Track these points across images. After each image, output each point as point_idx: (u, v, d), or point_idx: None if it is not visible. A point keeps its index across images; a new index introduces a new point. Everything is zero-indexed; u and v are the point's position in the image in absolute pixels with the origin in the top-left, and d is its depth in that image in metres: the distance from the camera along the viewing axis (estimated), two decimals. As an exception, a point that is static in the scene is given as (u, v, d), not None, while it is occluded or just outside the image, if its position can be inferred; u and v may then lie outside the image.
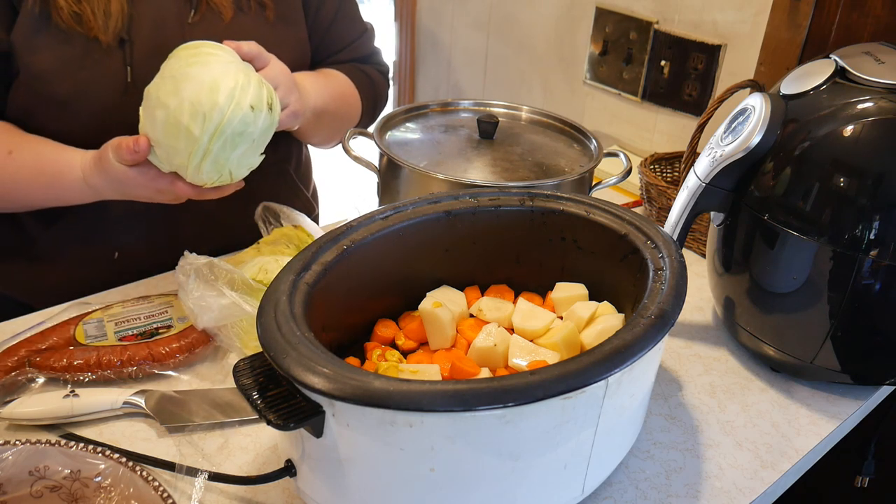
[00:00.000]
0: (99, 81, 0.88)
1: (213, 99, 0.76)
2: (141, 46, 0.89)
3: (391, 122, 1.04)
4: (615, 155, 1.04)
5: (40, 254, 0.98)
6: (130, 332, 0.79)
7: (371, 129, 1.01)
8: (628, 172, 1.00)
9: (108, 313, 0.82)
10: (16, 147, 0.87)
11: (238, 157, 0.80)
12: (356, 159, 1.00)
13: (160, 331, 0.80)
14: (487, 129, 1.00)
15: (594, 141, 1.03)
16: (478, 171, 0.93)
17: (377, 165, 1.01)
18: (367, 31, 1.16)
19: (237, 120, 0.77)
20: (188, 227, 1.00)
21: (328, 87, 1.04)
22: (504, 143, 1.00)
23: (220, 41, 0.83)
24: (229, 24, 0.95)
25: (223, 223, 1.02)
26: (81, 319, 0.81)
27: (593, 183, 1.02)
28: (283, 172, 1.11)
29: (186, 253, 0.84)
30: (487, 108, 1.10)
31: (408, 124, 1.05)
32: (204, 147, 0.77)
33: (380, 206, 0.96)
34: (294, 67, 1.04)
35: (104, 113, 0.88)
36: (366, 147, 0.94)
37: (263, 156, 0.84)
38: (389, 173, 0.97)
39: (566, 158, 1.00)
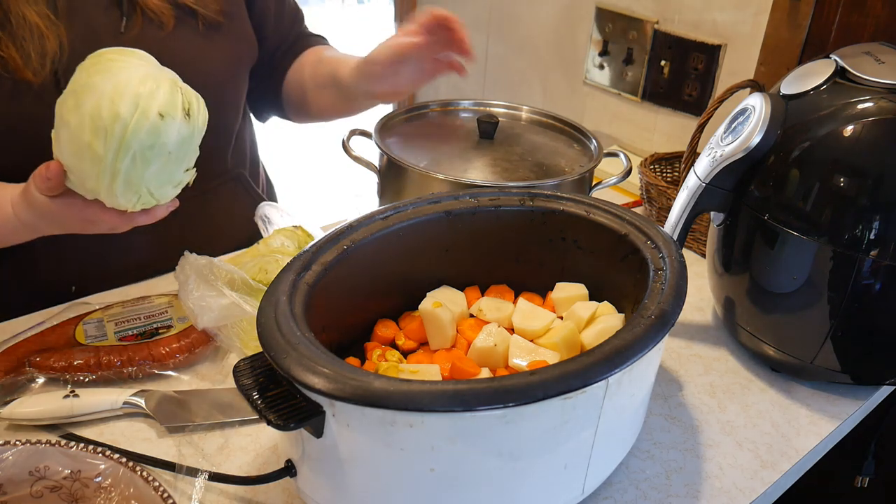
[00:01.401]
0: (34, 117, 0.79)
1: (113, 110, 0.65)
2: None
3: (391, 122, 1.03)
4: (615, 155, 1.04)
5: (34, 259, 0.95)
6: (130, 332, 0.79)
7: (371, 128, 1.01)
8: (628, 172, 1.01)
9: (108, 313, 0.82)
10: None
11: (154, 175, 0.69)
12: (356, 159, 1.00)
13: (160, 331, 0.80)
14: (487, 129, 0.99)
15: (594, 141, 1.03)
16: (478, 171, 0.93)
17: (377, 165, 1.01)
18: (297, 11, 1.12)
19: (143, 132, 0.66)
20: (187, 228, 0.99)
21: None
22: (504, 144, 1.00)
23: (161, 52, 0.75)
24: (171, 32, 0.89)
25: (221, 224, 1.01)
26: (81, 319, 0.81)
27: (593, 183, 1.02)
28: (238, 178, 1.06)
29: (186, 253, 0.84)
30: (487, 109, 1.10)
31: (408, 124, 1.05)
32: (111, 166, 0.67)
33: (380, 206, 0.96)
34: (242, 62, 1.00)
35: (42, 146, 0.78)
36: (365, 147, 0.94)
37: (193, 171, 0.74)
38: (389, 173, 0.97)
39: (566, 158, 1.00)
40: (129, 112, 0.66)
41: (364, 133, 1.02)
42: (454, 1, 1.94)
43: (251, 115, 1.15)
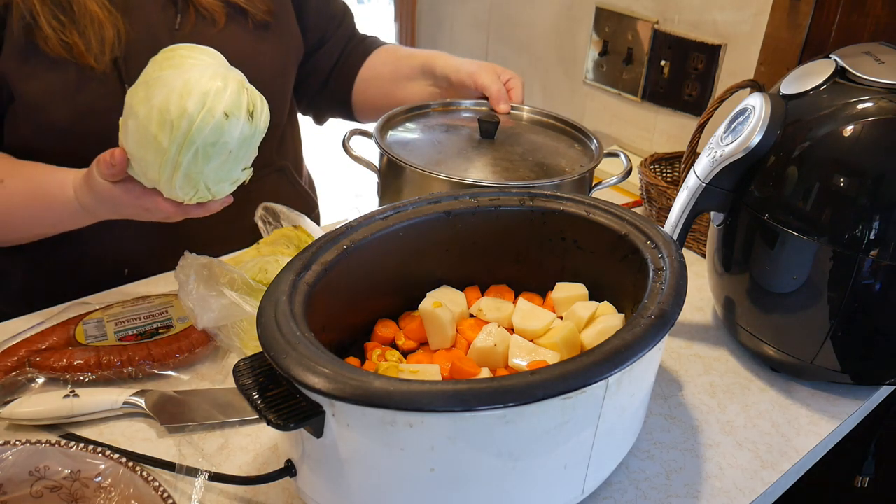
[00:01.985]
0: (96, 104, 0.86)
1: (181, 105, 0.68)
2: (135, 63, 0.85)
3: (392, 122, 1.03)
4: (616, 155, 1.04)
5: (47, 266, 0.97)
6: (130, 332, 0.79)
7: (372, 128, 1.01)
8: (628, 172, 1.00)
9: (108, 313, 0.82)
10: (7, 175, 0.83)
11: (214, 171, 0.72)
12: (356, 159, 1.00)
13: (160, 331, 0.80)
14: (488, 128, 0.99)
15: (595, 141, 1.03)
16: (478, 171, 0.93)
17: (377, 165, 1.01)
18: (347, 7, 1.18)
19: (208, 129, 0.69)
20: (234, 216, 0.99)
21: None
22: (505, 143, 1.00)
23: (212, 47, 0.77)
24: (222, 30, 0.94)
25: (224, 224, 1.02)
26: (81, 319, 0.81)
27: (593, 183, 1.02)
28: (283, 170, 1.10)
29: (186, 253, 0.84)
30: (489, 108, 1.10)
31: (408, 124, 1.05)
32: (173, 159, 0.69)
33: (380, 206, 0.96)
34: (290, 60, 1.05)
35: (106, 135, 0.83)
36: (365, 147, 0.94)
37: (250, 170, 0.77)
38: (389, 173, 0.97)
39: (567, 158, 1.00)
40: (197, 109, 0.68)
41: (364, 133, 1.03)
42: (454, 1, 1.94)
43: (298, 115, 1.20)
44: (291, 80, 1.08)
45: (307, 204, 1.16)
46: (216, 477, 0.64)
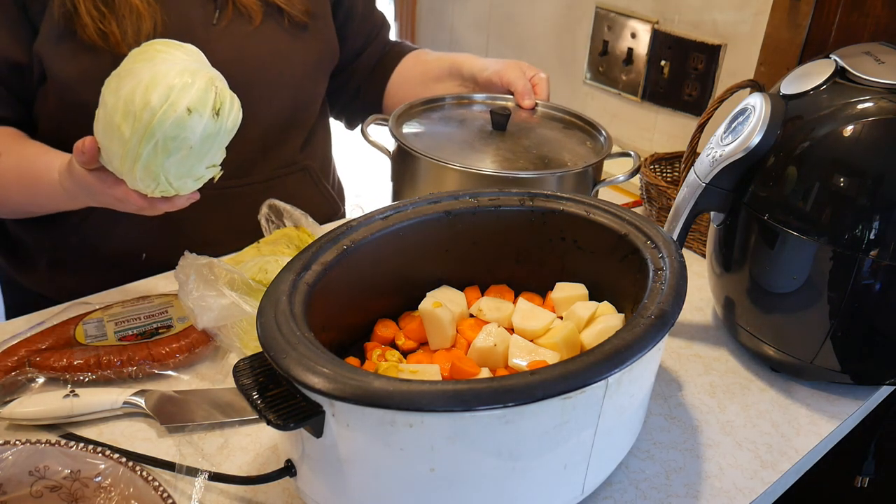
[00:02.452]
0: None
1: (145, 97, 0.68)
2: None
3: (409, 113, 1.07)
4: (627, 155, 1.07)
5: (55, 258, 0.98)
6: (130, 332, 0.79)
7: (388, 118, 1.05)
8: (636, 171, 1.03)
9: (108, 313, 0.82)
10: (5, 150, 0.86)
11: (174, 165, 0.71)
12: (373, 143, 1.04)
13: (160, 331, 0.80)
14: (500, 120, 1.03)
15: (605, 139, 1.05)
16: (481, 161, 0.97)
17: (391, 151, 1.05)
18: (385, 20, 1.21)
19: (169, 122, 0.69)
20: (253, 210, 1.00)
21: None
22: (515, 136, 1.03)
23: (246, 45, 0.83)
24: (258, 27, 0.95)
25: (243, 220, 1.02)
26: (81, 319, 0.81)
27: (600, 179, 1.04)
28: (307, 169, 1.11)
29: (186, 253, 0.84)
30: (503, 103, 1.13)
31: (424, 115, 1.09)
32: (134, 150, 0.69)
33: (392, 189, 1.03)
34: (323, 63, 1.06)
35: None
36: (380, 134, 0.97)
37: (216, 168, 0.76)
38: (400, 159, 1.02)
39: (572, 153, 1.02)
40: (160, 102, 0.68)
41: (383, 120, 1.06)
42: (454, 1, 1.94)
43: (330, 119, 1.23)
44: (323, 83, 1.10)
45: (331, 207, 1.17)
46: (216, 477, 0.64)
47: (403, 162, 1.00)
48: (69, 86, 0.86)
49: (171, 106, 0.69)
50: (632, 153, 1.06)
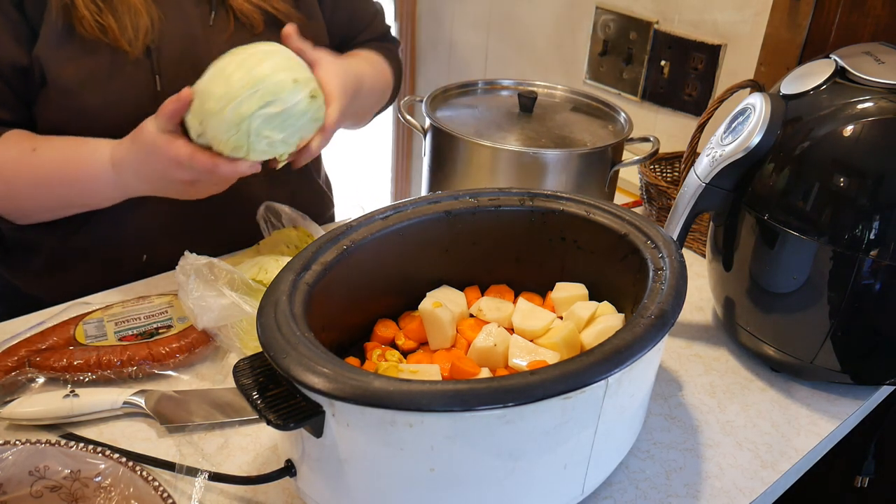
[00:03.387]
0: (128, 92, 0.88)
1: (262, 60, 0.78)
2: (168, 54, 0.89)
3: (443, 95, 1.14)
4: (647, 140, 1.12)
5: (59, 258, 0.98)
6: (130, 332, 0.79)
7: (423, 99, 1.11)
8: (654, 153, 1.08)
9: (108, 313, 0.82)
10: (41, 145, 0.86)
11: (262, 119, 0.78)
12: (408, 122, 1.11)
13: (160, 331, 0.80)
14: (527, 103, 1.10)
15: (626, 122, 1.10)
16: (507, 139, 1.03)
17: (423, 128, 1.12)
18: (379, 10, 1.19)
19: (275, 81, 0.77)
20: (251, 208, 0.99)
21: (370, 67, 1.10)
22: (541, 119, 1.11)
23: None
24: (259, 35, 0.95)
25: (227, 221, 1.02)
26: (81, 319, 0.81)
27: (620, 160, 1.09)
28: (302, 167, 1.11)
29: (187, 253, 0.84)
30: (530, 87, 1.20)
31: (458, 98, 1.17)
32: (235, 92, 0.77)
33: (427, 163, 1.11)
34: None
35: (134, 123, 0.86)
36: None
37: (285, 155, 0.83)
38: (434, 138, 1.09)
39: (594, 135, 1.08)
40: (274, 65, 0.78)
41: (420, 101, 1.14)
42: (454, 1, 1.94)
43: None
44: None
45: (324, 202, 1.17)
46: (216, 477, 0.64)
47: (436, 139, 1.07)
48: (69, 89, 0.86)
49: (283, 70, 0.78)
50: (651, 138, 1.11)
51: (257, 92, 0.77)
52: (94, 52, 0.86)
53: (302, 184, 1.11)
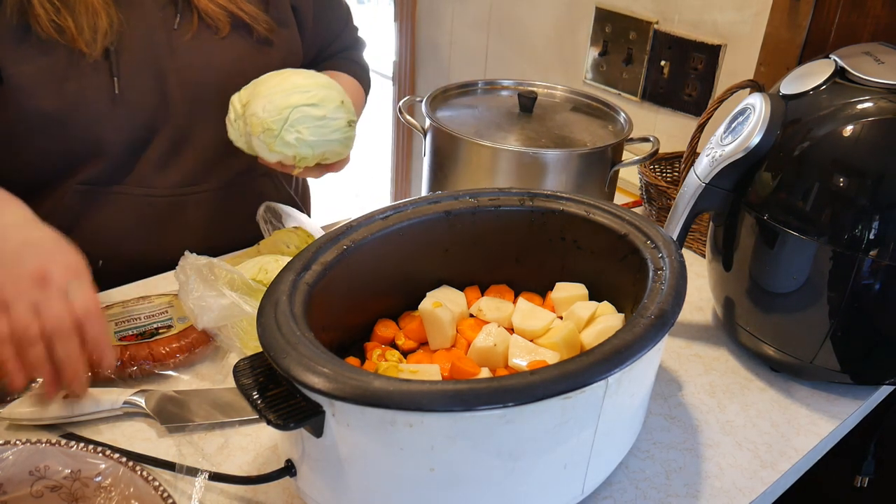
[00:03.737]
0: (85, 94, 0.86)
1: (320, 76, 0.88)
2: (128, 57, 0.88)
3: (443, 96, 1.15)
4: (647, 140, 1.11)
5: None
6: (130, 332, 0.79)
7: (423, 99, 1.12)
8: (654, 153, 1.08)
9: (108, 313, 0.82)
10: None
11: (302, 115, 0.84)
12: (408, 122, 1.12)
13: (160, 331, 0.80)
14: (526, 103, 1.10)
15: (626, 122, 1.10)
16: (507, 139, 1.03)
17: (423, 128, 1.13)
18: (350, 16, 1.19)
19: (326, 93, 0.86)
20: (217, 214, 0.99)
21: (360, 99, 1.11)
22: (541, 119, 1.10)
23: (213, 53, 0.88)
24: (225, 38, 0.94)
25: (223, 224, 1.02)
26: None
27: (620, 160, 1.09)
28: (269, 175, 1.10)
29: (187, 253, 0.84)
30: (530, 87, 1.20)
31: (458, 98, 1.17)
32: (288, 87, 0.85)
33: (426, 163, 1.11)
34: (285, 66, 1.05)
35: (92, 126, 0.86)
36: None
37: (310, 153, 0.87)
38: (434, 138, 1.09)
39: (594, 135, 1.08)
40: (329, 83, 0.88)
41: (419, 100, 1.14)
42: (454, 1, 1.94)
43: None
44: None
45: (292, 204, 1.16)
46: (216, 477, 0.64)
47: (436, 139, 1.08)
48: (25, 88, 0.84)
49: (335, 90, 0.88)
50: (651, 138, 1.10)
51: (308, 92, 0.85)
52: (51, 52, 0.84)
53: (266, 189, 1.10)
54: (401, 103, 1.13)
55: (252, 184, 1.05)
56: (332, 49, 1.15)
